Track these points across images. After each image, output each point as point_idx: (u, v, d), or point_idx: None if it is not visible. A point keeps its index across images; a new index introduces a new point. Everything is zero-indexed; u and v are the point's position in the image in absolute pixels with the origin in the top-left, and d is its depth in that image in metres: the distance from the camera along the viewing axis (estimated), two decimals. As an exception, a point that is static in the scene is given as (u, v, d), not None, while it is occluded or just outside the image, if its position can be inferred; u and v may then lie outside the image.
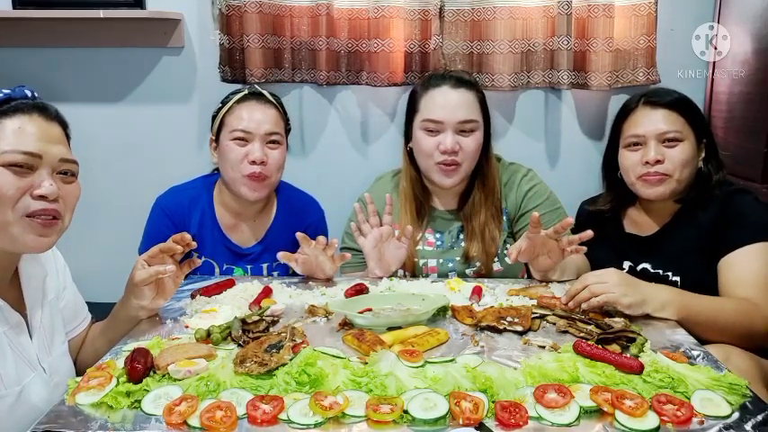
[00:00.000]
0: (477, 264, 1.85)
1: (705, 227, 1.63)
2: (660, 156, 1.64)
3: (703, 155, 1.70)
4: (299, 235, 1.68)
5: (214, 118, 1.88)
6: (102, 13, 2.32)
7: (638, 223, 1.79)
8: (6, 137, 1.16)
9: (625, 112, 1.75)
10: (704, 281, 1.57)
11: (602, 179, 1.88)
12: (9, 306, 1.22)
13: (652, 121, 1.67)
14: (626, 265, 1.75)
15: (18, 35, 2.45)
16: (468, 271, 1.86)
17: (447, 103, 1.79)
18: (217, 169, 1.91)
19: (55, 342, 1.34)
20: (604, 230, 1.82)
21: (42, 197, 1.17)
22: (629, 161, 1.70)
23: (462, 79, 1.85)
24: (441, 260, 1.87)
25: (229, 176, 1.81)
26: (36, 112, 1.20)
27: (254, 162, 1.77)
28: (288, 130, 1.92)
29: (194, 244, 1.45)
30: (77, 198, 1.27)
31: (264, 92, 1.87)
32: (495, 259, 1.86)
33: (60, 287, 1.43)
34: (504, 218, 1.89)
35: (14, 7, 2.40)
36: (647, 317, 1.38)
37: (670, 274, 1.66)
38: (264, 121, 1.80)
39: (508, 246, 1.86)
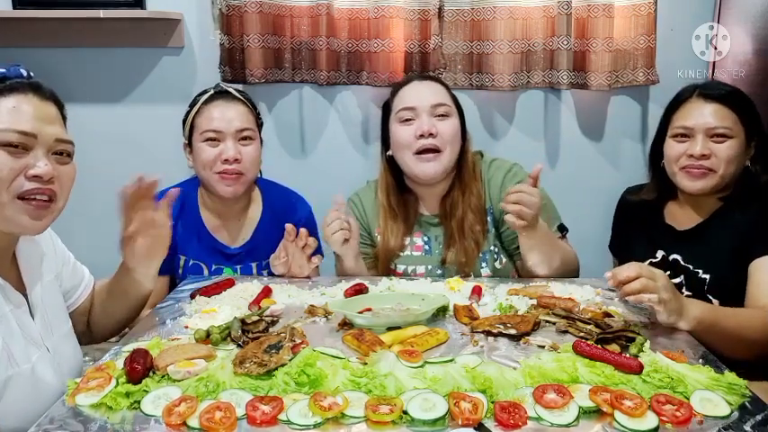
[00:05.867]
0: (462, 266, 1.81)
1: (742, 228, 1.59)
2: (707, 150, 1.60)
3: (752, 153, 1.65)
4: (287, 226, 1.68)
5: (184, 122, 1.87)
6: (102, 13, 2.33)
7: (678, 216, 1.75)
8: (1, 115, 1.15)
9: (677, 102, 1.71)
10: (733, 281, 1.55)
11: (648, 168, 1.84)
12: (11, 286, 1.23)
13: (703, 114, 1.63)
14: (659, 254, 1.73)
15: (18, 35, 2.45)
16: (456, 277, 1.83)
17: (418, 91, 1.83)
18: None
19: (57, 322, 1.35)
20: (643, 219, 1.79)
21: (37, 177, 1.16)
22: (674, 151, 1.67)
23: (427, 75, 1.95)
24: (429, 266, 1.85)
25: (204, 177, 1.82)
26: (31, 92, 1.20)
27: (227, 160, 1.77)
28: (260, 125, 1.92)
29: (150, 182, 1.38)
30: (73, 180, 1.26)
31: (231, 89, 1.87)
32: (484, 264, 1.83)
33: (60, 266, 1.43)
34: (489, 219, 1.85)
35: (14, 7, 2.40)
36: (648, 317, 1.38)
37: (700, 271, 1.64)
38: (234, 119, 1.80)
39: (496, 248, 1.84)
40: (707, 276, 1.62)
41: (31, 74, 1.25)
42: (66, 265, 1.47)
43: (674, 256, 1.70)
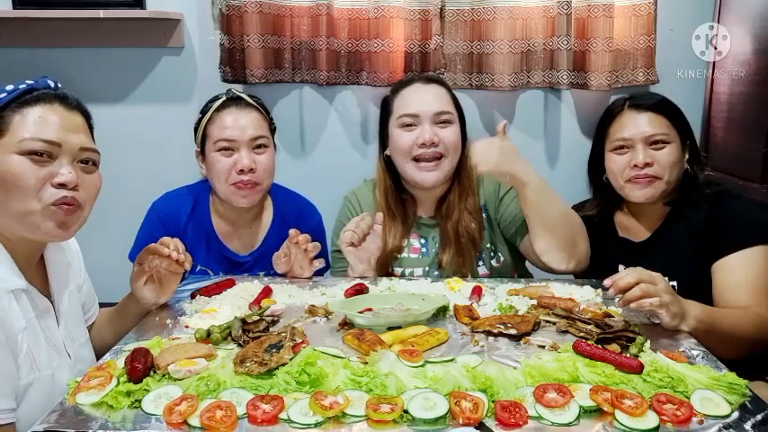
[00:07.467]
0: (460, 266, 1.80)
1: (697, 229, 1.62)
2: (649, 158, 1.64)
3: (687, 156, 1.70)
4: (291, 231, 1.67)
5: (196, 130, 1.85)
6: (102, 13, 2.33)
7: (629, 228, 1.77)
8: (27, 125, 1.18)
9: (610, 116, 1.75)
10: (701, 283, 1.57)
11: (589, 183, 1.87)
12: (38, 291, 1.24)
13: (638, 124, 1.67)
14: (621, 268, 1.74)
15: (18, 35, 2.45)
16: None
17: (421, 96, 1.80)
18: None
19: (78, 330, 1.37)
20: (596, 235, 1.81)
21: (62, 185, 1.18)
22: (617, 164, 1.70)
23: (431, 77, 1.90)
24: (426, 268, 1.85)
25: (219, 189, 1.80)
26: (57, 102, 1.22)
27: (242, 171, 1.74)
28: (273, 130, 1.89)
29: (176, 253, 1.46)
30: (98, 188, 1.28)
31: (243, 95, 1.83)
32: (481, 263, 1.82)
33: (81, 279, 1.46)
34: (485, 215, 1.83)
35: (14, 7, 2.40)
36: (648, 317, 1.38)
37: (666, 279, 1.65)
38: (248, 127, 1.77)
39: (492, 246, 1.83)
40: (674, 283, 1.62)
41: (59, 85, 1.26)
42: (87, 282, 1.50)
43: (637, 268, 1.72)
